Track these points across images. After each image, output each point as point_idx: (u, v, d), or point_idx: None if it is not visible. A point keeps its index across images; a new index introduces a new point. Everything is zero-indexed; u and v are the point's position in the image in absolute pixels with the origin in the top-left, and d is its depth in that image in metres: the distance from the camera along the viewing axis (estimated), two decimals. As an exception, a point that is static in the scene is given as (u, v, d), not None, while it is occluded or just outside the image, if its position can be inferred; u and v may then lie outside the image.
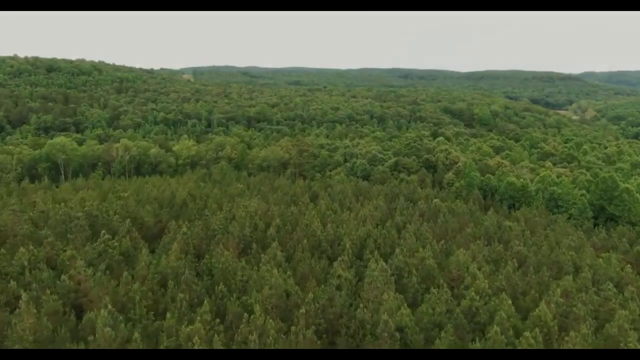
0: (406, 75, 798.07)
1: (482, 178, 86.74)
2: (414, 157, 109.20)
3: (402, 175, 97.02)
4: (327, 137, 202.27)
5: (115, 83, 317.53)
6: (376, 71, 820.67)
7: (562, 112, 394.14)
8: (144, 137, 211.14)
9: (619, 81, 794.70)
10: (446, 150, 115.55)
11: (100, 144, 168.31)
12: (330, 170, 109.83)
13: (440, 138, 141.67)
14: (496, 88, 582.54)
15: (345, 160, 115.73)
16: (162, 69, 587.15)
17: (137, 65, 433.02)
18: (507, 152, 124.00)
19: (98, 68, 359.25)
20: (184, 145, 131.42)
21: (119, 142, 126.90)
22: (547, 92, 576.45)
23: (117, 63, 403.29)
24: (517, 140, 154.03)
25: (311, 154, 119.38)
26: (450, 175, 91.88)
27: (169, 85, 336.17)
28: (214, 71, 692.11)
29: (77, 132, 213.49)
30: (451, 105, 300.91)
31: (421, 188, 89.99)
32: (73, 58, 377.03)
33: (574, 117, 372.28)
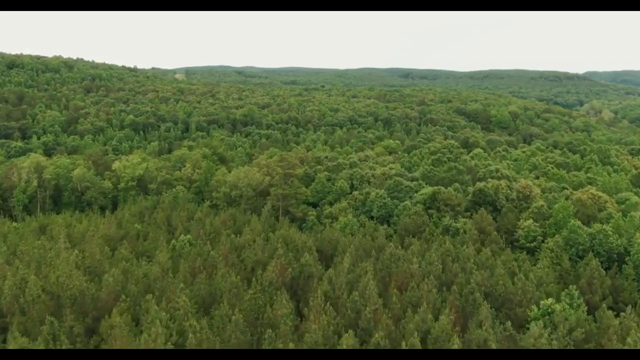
0: (407, 74, 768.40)
1: (590, 231, 50.40)
2: (456, 184, 72.67)
3: (445, 218, 60.64)
4: (326, 144, 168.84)
5: (85, 81, 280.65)
6: (376, 71, 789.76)
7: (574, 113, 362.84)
8: (104, 144, 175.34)
9: (623, 80, 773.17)
10: (498, 171, 79.08)
11: (48, 156, 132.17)
12: (331, 204, 73.25)
13: (479, 150, 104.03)
14: (501, 88, 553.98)
15: (353, 187, 79.32)
16: (153, 68, 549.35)
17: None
18: (583, 173, 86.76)
19: (69, 65, 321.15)
20: (129, 163, 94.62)
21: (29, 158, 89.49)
22: (555, 92, 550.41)
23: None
24: (574, 152, 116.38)
25: (303, 176, 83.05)
26: (528, 222, 55.38)
27: (148, 84, 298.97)
28: (208, 71, 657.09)
29: (23, 138, 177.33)
30: (464, 106, 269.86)
31: (482, 244, 53.81)
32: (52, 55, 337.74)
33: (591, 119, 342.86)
